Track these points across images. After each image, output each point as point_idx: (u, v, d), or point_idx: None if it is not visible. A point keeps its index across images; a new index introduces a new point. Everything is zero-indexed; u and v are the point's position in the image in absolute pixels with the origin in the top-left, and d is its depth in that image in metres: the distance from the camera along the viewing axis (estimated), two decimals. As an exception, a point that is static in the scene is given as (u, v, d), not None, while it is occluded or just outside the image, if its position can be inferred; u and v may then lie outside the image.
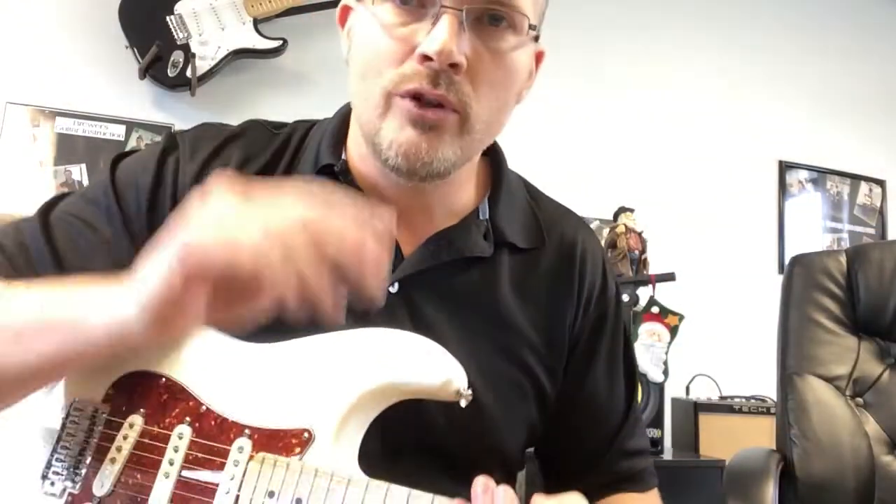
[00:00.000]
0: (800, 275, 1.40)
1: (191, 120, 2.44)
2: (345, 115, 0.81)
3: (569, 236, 0.84)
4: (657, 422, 2.35)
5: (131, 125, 2.40)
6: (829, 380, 1.33)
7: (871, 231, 3.29)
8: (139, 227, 0.74)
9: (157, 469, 0.67)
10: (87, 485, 0.69)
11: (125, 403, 0.72)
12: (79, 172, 2.34)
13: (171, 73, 2.34)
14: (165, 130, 2.42)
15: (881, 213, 3.31)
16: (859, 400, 1.33)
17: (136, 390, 0.72)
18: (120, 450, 0.69)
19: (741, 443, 2.27)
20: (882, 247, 1.43)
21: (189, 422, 0.69)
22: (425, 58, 0.65)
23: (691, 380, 2.66)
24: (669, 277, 1.96)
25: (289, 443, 0.64)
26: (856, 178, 3.29)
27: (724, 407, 2.41)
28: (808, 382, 1.33)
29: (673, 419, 2.50)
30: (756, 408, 2.40)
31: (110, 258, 0.73)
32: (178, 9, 2.38)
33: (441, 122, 0.67)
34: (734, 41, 3.16)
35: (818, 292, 1.37)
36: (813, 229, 3.20)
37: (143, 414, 0.71)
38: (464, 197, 0.80)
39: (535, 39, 0.74)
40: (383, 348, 0.66)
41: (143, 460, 0.69)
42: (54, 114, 2.34)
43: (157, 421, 0.70)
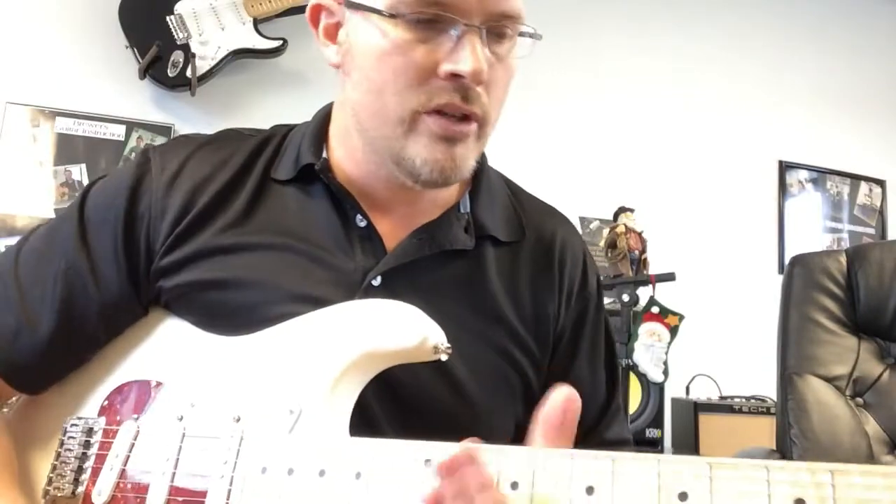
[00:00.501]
0: (800, 275, 1.40)
1: (191, 120, 2.45)
2: (324, 115, 0.82)
3: (548, 231, 0.85)
4: (657, 422, 2.34)
5: (131, 125, 2.40)
6: (829, 380, 1.33)
7: (871, 231, 3.29)
8: (110, 254, 0.76)
9: (153, 468, 0.68)
10: (87, 495, 0.70)
11: (119, 412, 0.74)
12: (79, 172, 2.34)
13: (171, 73, 2.34)
14: (165, 130, 2.42)
15: (881, 213, 3.31)
16: (859, 400, 1.33)
17: (129, 398, 0.74)
18: (117, 456, 0.71)
19: (741, 443, 2.27)
20: (882, 247, 1.42)
21: (181, 419, 0.70)
22: (456, 76, 0.67)
23: (691, 380, 2.66)
24: (669, 277, 1.96)
25: (279, 422, 0.65)
26: (856, 178, 3.29)
27: (724, 407, 2.41)
28: (808, 382, 1.33)
29: (673, 419, 2.50)
30: (756, 408, 2.40)
31: (74, 292, 0.75)
32: (178, 9, 2.38)
33: (466, 134, 0.70)
34: (734, 41, 3.16)
35: (818, 292, 1.37)
36: (813, 229, 3.20)
37: (137, 419, 0.72)
38: (449, 190, 0.81)
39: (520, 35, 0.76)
40: (359, 319, 0.68)
41: (139, 462, 0.70)
42: (54, 114, 2.34)
43: (152, 423, 0.71)
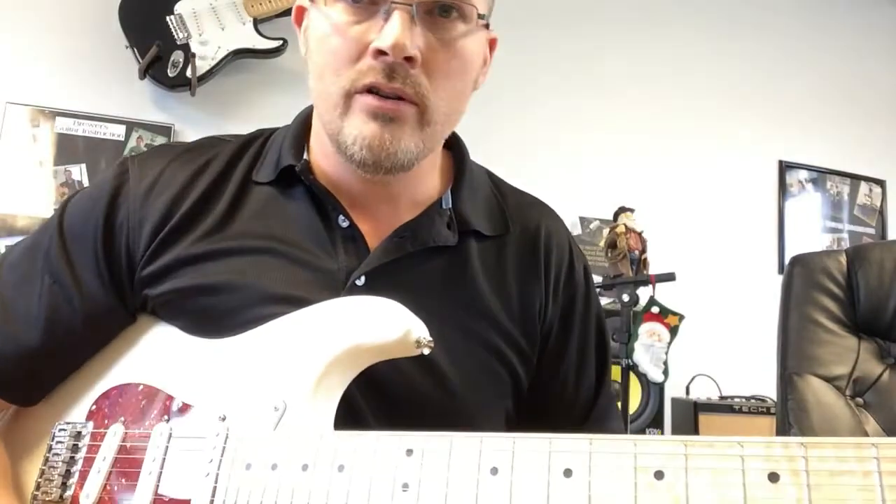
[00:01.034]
0: (800, 275, 1.40)
1: (191, 120, 2.45)
2: (306, 117, 0.83)
3: (532, 222, 0.85)
4: (657, 422, 2.35)
5: (131, 125, 2.40)
6: (829, 380, 1.33)
7: (871, 231, 3.29)
8: (91, 266, 0.76)
9: (140, 469, 0.69)
10: (75, 498, 0.71)
11: (107, 416, 0.75)
12: (79, 172, 2.34)
13: (171, 73, 2.34)
14: (165, 130, 2.42)
15: (881, 213, 3.31)
16: (859, 400, 1.33)
17: (117, 401, 0.75)
18: (104, 459, 0.71)
19: (741, 443, 2.27)
20: (882, 247, 1.42)
21: (168, 420, 0.70)
22: (379, 53, 0.67)
23: (691, 380, 2.66)
24: (669, 277, 1.96)
25: (263, 419, 0.65)
26: (856, 178, 3.29)
27: (724, 407, 2.41)
28: (808, 382, 1.33)
29: (673, 419, 2.51)
30: (756, 408, 2.40)
31: (60, 305, 0.76)
32: (178, 9, 2.38)
33: (400, 113, 0.69)
34: (734, 41, 3.16)
35: (818, 292, 1.37)
36: (813, 229, 3.20)
37: (124, 422, 0.73)
38: (428, 188, 0.81)
39: (486, 27, 0.75)
40: (342, 316, 0.68)
41: (126, 463, 0.70)
42: (54, 114, 2.34)
43: (138, 425, 0.72)
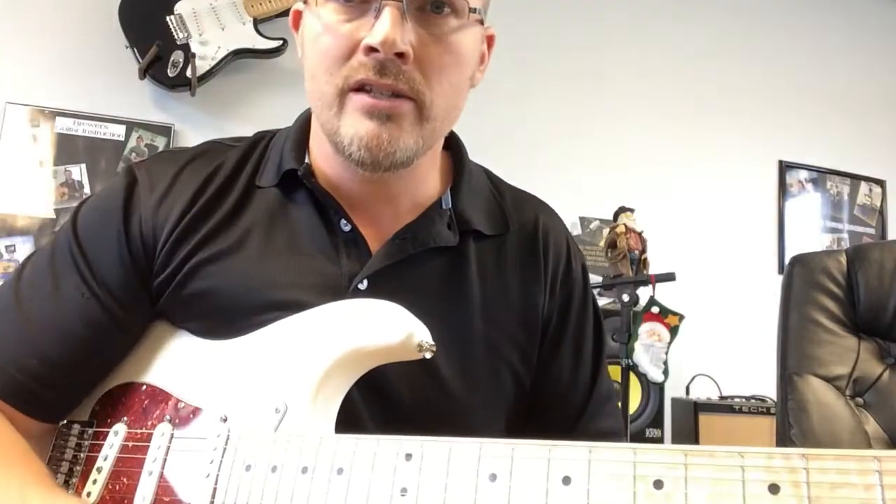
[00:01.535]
0: (800, 275, 1.40)
1: (191, 120, 2.45)
2: (305, 119, 0.82)
3: (530, 220, 0.85)
4: (657, 422, 2.35)
5: (131, 125, 2.40)
6: (829, 380, 1.33)
7: (871, 231, 3.29)
8: (113, 272, 0.75)
9: (141, 468, 0.69)
10: (77, 496, 0.71)
11: (110, 416, 0.75)
12: (79, 172, 2.34)
13: (171, 73, 2.34)
14: (165, 130, 2.42)
15: (881, 213, 3.31)
16: (859, 400, 1.32)
17: (120, 401, 0.75)
18: (106, 458, 0.72)
19: (741, 443, 2.27)
20: (882, 247, 1.42)
21: (170, 419, 0.71)
22: (370, 49, 0.67)
23: (691, 380, 2.66)
24: (669, 277, 1.96)
25: (264, 420, 0.66)
26: (856, 178, 3.29)
27: (724, 407, 2.41)
28: (808, 382, 1.33)
29: (673, 419, 2.51)
30: (756, 408, 2.40)
31: (80, 312, 0.74)
32: (178, 9, 2.38)
33: (396, 110, 0.68)
34: (734, 41, 3.16)
35: (818, 292, 1.37)
36: (813, 229, 3.20)
37: (127, 421, 0.73)
38: (428, 188, 0.81)
39: (480, 23, 0.75)
40: (344, 319, 0.68)
41: (128, 463, 0.70)
42: (54, 114, 2.34)
43: (140, 425, 0.72)
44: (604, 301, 2.50)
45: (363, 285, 0.74)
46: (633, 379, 2.13)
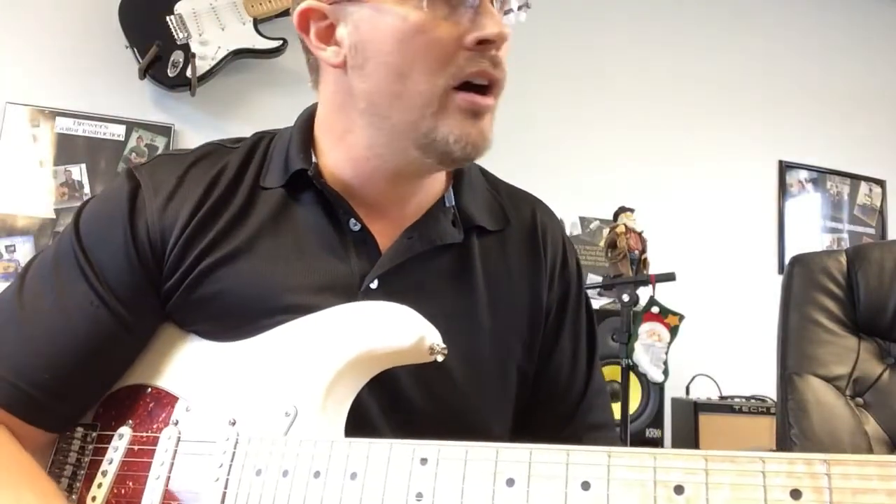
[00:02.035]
0: (800, 275, 1.40)
1: (191, 120, 2.45)
2: (307, 119, 0.82)
3: (528, 215, 0.87)
4: (657, 422, 2.35)
5: (131, 125, 2.40)
6: (829, 380, 1.33)
7: (871, 231, 3.29)
8: (122, 278, 0.74)
9: (148, 472, 0.68)
10: (81, 501, 0.70)
11: (114, 418, 0.74)
12: (79, 172, 2.34)
13: (171, 73, 2.34)
14: (165, 130, 2.42)
15: (881, 213, 3.31)
16: (859, 400, 1.32)
17: (125, 404, 0.74)
18: (111, 462, 0.71)
19: (741, 443, 2.27)
20: (882, 247, 1.42)
21: (177, 423, 0.70)
22: (483, 42, 0.68)
23: (691, 380, 2.66)
24: (669, 277, 1.96)
25: (274, 424, 0.65)
26: (856, 178, 3.29)
27: (724, 407, 2.41)
28: (808, 382, 1.33)
29: (673, 419, 2.50)
30: (756, 408, 2.40)
31: (89, 320, 0.73)
32: (178, 9, 2.38)
33: (492, 106, 0.71)
34: (734, 41, 3.16)
35: (818, 292, 1.37)
36: (813, 229, 3.20)
37: (132, 424, 0.72)
38: (434, 186, 0.81)
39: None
40: (355, 321, 0.68)
41: (133, 467, 0.70)
42: (54, 114, 2.34)
43: (146, 428, 0.71)
44: (604, 301, 2.50)
45: (374, 284, 0.74)
46: (633, 379, 2.12)
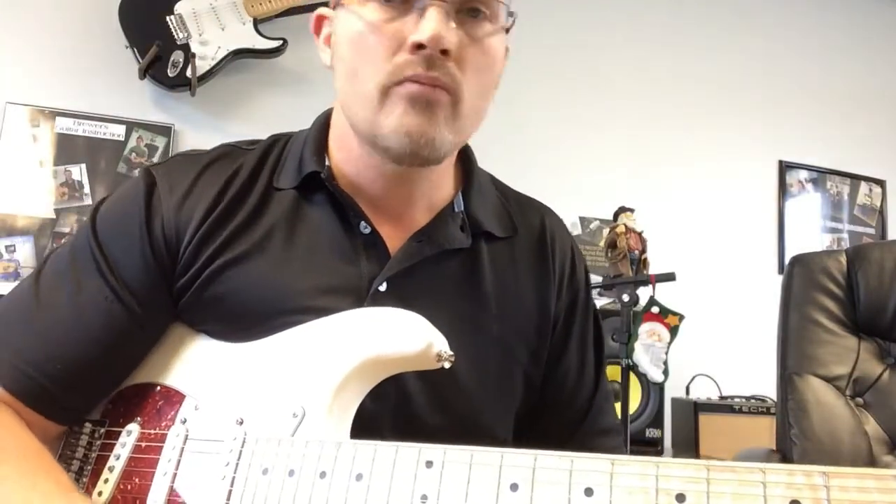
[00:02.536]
0: (800, 275, 1.40)
1: (191, 120, 2.45)
2: (323, 122, 0.83)
3: (537, 223, 0.87)
4: (657, 422, 2.34)
5: (131, 125, 2.40)
6: (829, 380, 1.33)
7: (871, 231, 3.29)
8: (137, 274, 0.74)
9: (155, 469, 0.69)
10: (88, 495, 0.70)
11: (122, 415, 0.74)
12: (79, 172, 2.34)
13: (171, 73, 2.34)
14: (165, 130, 2.42)
15: (881, 213, 3.31)
16: (859, 400, 1.33)
17: (133, 401, 0.75)
18: (118, 457, 0.71)
19: (741, 443, 2.27)
20: (882, 247, 1.42)
21: (185, 421, 0.70)
22: (417, 46, 0.68)
23: (691, 380, 2.66)
24: (669, 277, 1.95)
25: (281, 424, 0.66)
26: (856, 178, 3.29)
27: (724, 407, 2.41)
28: (808, 382, 1.33)
29: (673, 419, 2.50)
30: (756, 408, 2.40)
31: (103, 316, 0.73)
32: (178, 9, 2.38)
33: (436, 98, 0.70)
34: (734, 41, 3.16)
35: (818, 292, 1.37)
36: (813, 229, 3.20)
37: (140, 421, 0.73)
38: (443, 191, 0.82)
39: (506, 31, 0.76)
40: (364, 326, 0.68)
41: (141, 463, 0.70)
42: (54, 114, 2.34)
43: (154, 425, 0.72)
44: (604, 301, 2.50)
45: (383, 287, 0.75)
46: (633, 379, 2.12)
